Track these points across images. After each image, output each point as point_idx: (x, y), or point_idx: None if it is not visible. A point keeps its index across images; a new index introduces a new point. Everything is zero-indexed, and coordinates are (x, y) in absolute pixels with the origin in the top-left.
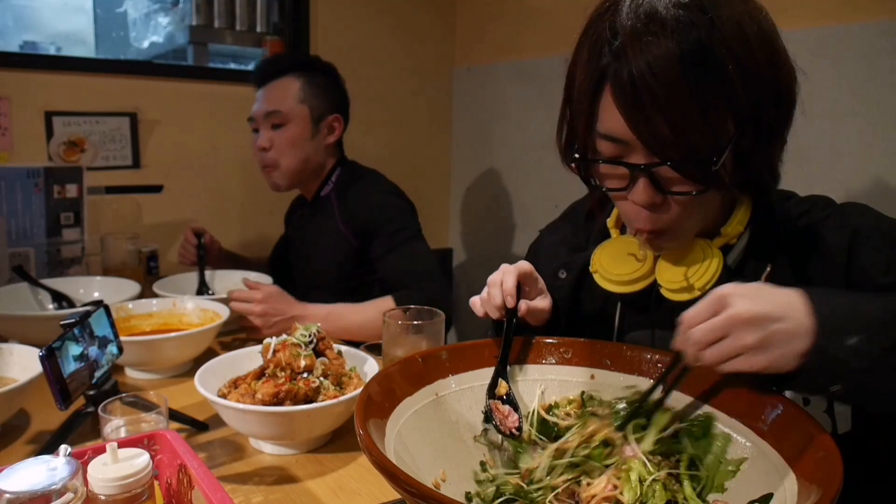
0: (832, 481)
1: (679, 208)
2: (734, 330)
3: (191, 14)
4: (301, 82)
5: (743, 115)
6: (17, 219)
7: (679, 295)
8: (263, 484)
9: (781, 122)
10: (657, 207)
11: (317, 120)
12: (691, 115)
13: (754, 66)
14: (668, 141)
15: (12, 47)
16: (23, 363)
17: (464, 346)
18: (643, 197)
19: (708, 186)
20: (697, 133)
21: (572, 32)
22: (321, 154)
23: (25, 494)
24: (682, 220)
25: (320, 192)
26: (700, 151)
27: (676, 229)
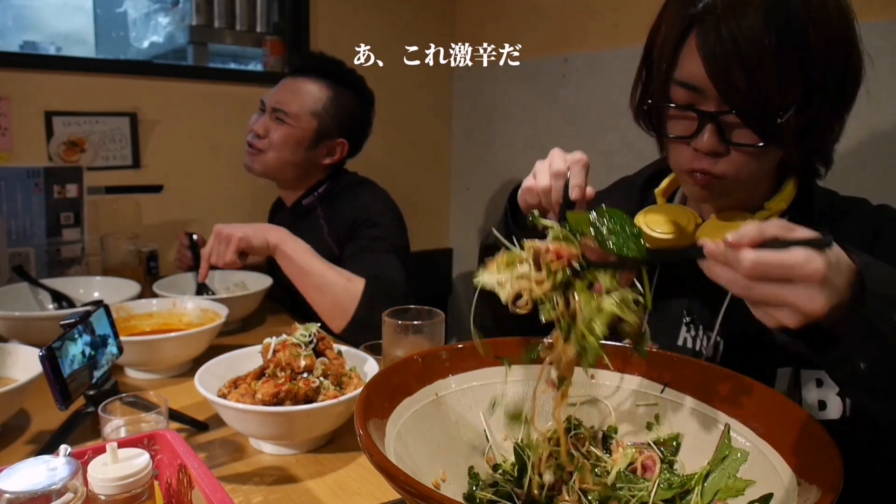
0: (832, 481)
1: (737, 160)
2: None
3: (191, 14)
4: (326, 95)
5: (812, 82)
6: (17, 219)
7: None
8: (263, 484)
9: (845, 100)
10: (717, 157)
11: (320, 136)
12: (767, 69)
13: (831, 39)
14: (742, 90)
15: (12, 47)
16: (23, 363)
17: (464, 346)
18: (707, 144)
19: (769, 141)
20: (769, 87)
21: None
22: (308, 167)
23: (25, 494)
24: (737, 172)
25: (301, 200)
26: (769, 105)
27: (729, 181)
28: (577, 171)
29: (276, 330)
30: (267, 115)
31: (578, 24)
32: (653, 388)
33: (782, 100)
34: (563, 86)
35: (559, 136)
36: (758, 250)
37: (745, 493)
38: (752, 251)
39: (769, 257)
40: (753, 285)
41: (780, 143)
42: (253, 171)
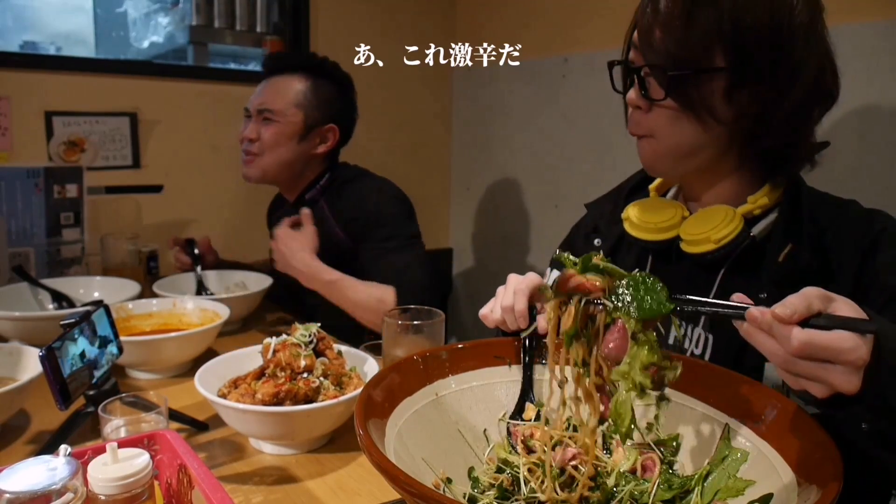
0: (832, 481)
1: (657, 118)
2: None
3: (191, 14)
4: (305, 86)
5: (731, 52)
6: (17, 219)
7: (696, 246)
8: (263, 484)
9: (795, 92)
10: (644, 114)
11: (309, 127)
12: (680, 30)
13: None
14: (658, 47)
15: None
16: (23, 363)
17: (464, 346)
18: (631, 96)
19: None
20: (682, 46)
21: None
22: (305, 160)
23: (25, 494)
24: (659, 129)
25: (304, 195)
26: (680, 62)
27: (656, 138)
28: (519, 300)
29: (276, 330)
30: (254, 119)
31: (578, 24)
32: None
33: (693, 59)
34: (563, 86)
35: (559, 136)
36: (809, 330)
37: (745, 493)
38: (802, 331)
39: (818, 340)
40: (796, 361)
41: (682, 100)
42: (251, 178)
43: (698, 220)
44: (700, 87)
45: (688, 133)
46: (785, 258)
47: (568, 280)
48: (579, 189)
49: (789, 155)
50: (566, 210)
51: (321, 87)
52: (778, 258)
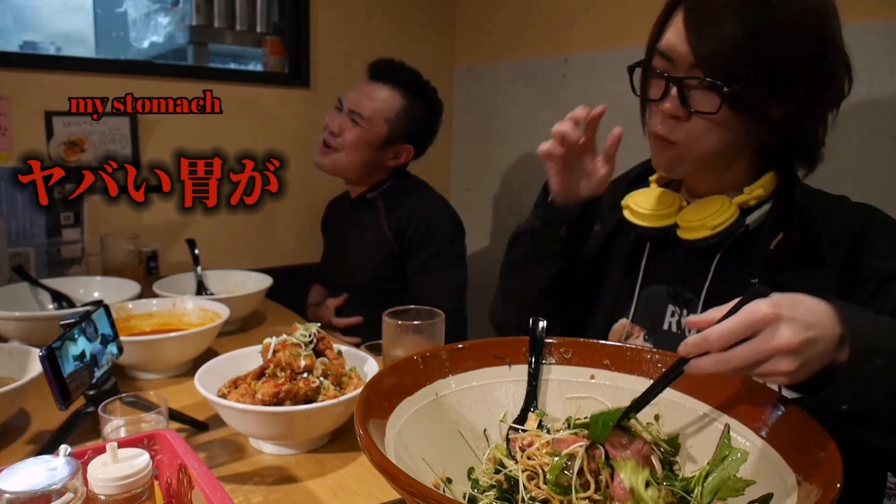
0: (832, 481)
1: (694, 128)
2: (775, 356)
3: (191, 14)
4: (401, 103)
5: (780, 67)
6: (17, 219)
7: (692, 233)
8: (263, 484)
9: (818, 101)
10: (680, 123)
11: (389, 141)
12: (736, 40)
13: (803, 30)
14: (710, 55)
15: (12, 47)
16: (23, 363)
17: (464, 346)
18: (670, 106)
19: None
20: (735, 57)
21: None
22: (375, 167)
23: (25, 494)
24: (691, 140)
25: (366, 194)
26: (731, 70)
27: (683, 149)
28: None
29: (276, 330)
30: (344, 115)
31: (578, 24)
32: None
33: (741, 74)
34: (563, 86)
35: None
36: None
37: (745, 493)
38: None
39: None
40: (730, 356)
41: (735, 113)
42: (322, 167)
43: (696, 208)
44: (750, 101)
45: (718, 142)
46: (776, 246)
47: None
48: None
49: (795, 154)
50: None
51: (414, 109)
52: (769, 246)
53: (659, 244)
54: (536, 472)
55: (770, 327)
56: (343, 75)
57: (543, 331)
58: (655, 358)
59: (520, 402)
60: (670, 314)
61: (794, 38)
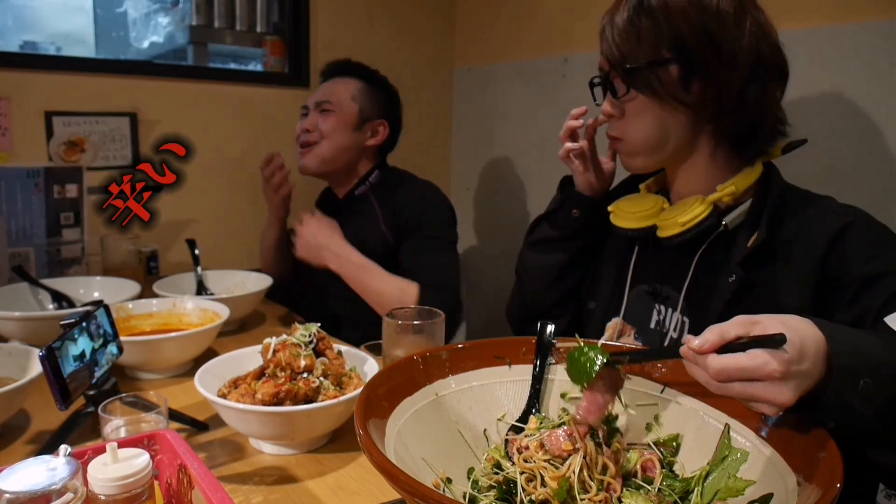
0: (832, 481)
1: (627, 120)
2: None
3: (191, 14)
4: (360, 85)
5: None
6: (17, 219)
7: (665, 231)
8: (263, 484)
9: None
10: (617, 120)
11: (363, 119)
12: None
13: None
14: (615, 50)
15: (12, 47)
16: (23, 363)
17: (464, 346)
18: (605, 106)
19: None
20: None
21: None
22: (358, 151)
23: (25, 494)
24: (628, 130)
25: (354, 190)
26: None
27: (625, 139)
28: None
29: (276, 330)
30: (312, 112)
31: (578, 24)
32: (653, 388)
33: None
34: (563, 86)
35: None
36: (721, 357)
37: (745, 493)
38: (716, 358)
39: (730, 363)
40: (723, 386)
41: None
42: (308, 169)
43: (672, 208)
44: (657, 77)
45: (654, 125)
46: (753, 244)
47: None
48: None
49: (755, 135)
50: None
51: (374, 89)
52: (746, 244)
53: (642, 245)
54: (535, 475)
55: (774, 383)
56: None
57: (551, 335)
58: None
59: (520, 402)
60: (656, 313)
61: (669, 16)
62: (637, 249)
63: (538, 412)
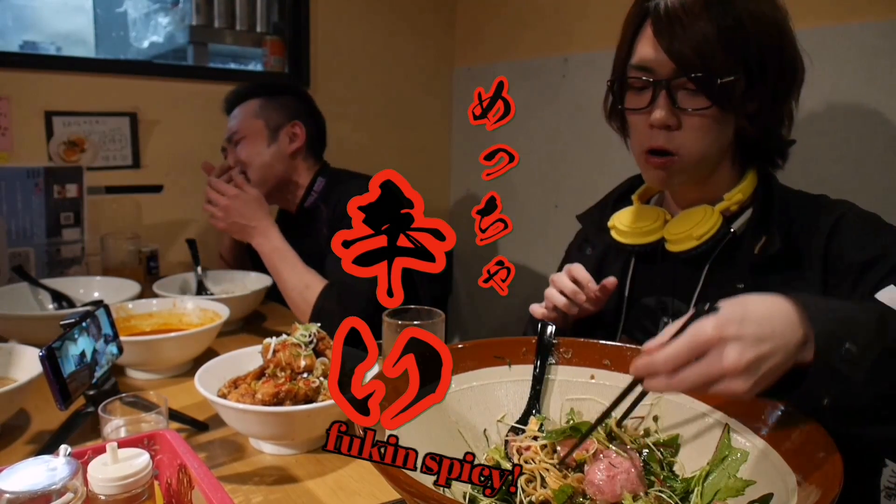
0: (832, 481)
1: (689, 132)
2: (724, 378)
3: (191, 14)
4: (258, 101)
5: (751, 60)
6: (17, 219)
7: (679, 245)
8: (263, 484)
9: (784, 88)
10: (670, 129)
11: (274, 130)
12: (710, 43)
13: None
14: (691, 59)
15: (12, 47)
16: (23, 363)
17: (464, 346)
18: (661, 114)
19: (715, 102)
20: (713, 56)
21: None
22: (285, 161)
23: (25, 494)
24: (690, 144)
25: (304, 203)
26: (713, 68)
27: (682, 155)
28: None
29: (276, 330)
30: (229, 149)
31: (578, 24)
32: None
33: (725, 67)
34: (563, 86)
35: (559, 136)
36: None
37: (745, 493)
38: (659, 351)
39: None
40: (679, 377)
41: (727, 105)
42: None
43: (680, 220)
44: (735, 92)
45: (712, 144)
46: (760, 249)
47: None
48: (579, 189)
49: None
50: (566, 210)
51: (273, 98)
52: (754, 250)
53: (647, 259)
54: (535, 476)
55: (716, 349)
56: (343, 75)
57: (552, 335)
58: None
59: (519, 402)
60: (663, 325)
61: (758, 30)
62: (634, 263)
63: (538, 413)
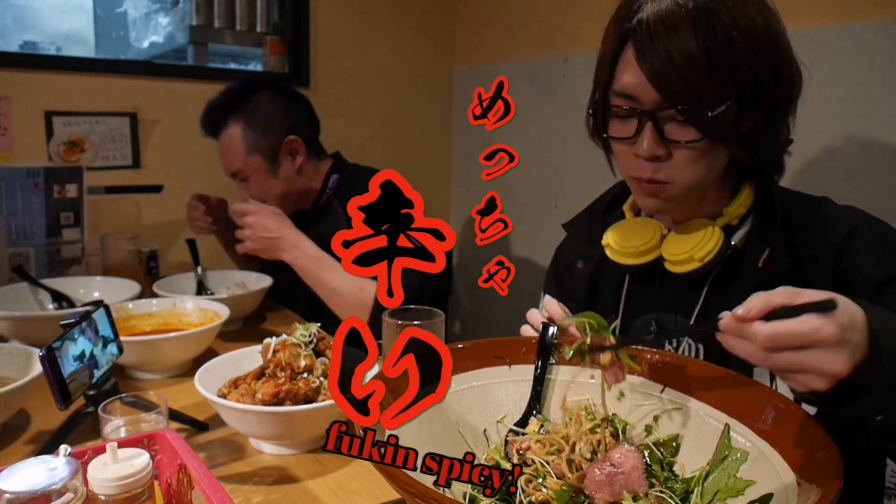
0: (832, 481)
1: (678, 163)
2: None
3: (191, 14)
4: (241, 128)
5: (744, 83)
6: (17, 219)
7: (681, 266)
8: (263, 484)
9: (781, 105)
10: (659, 160)
11: (272, 159)
12: (699, 71)
13: (757, 44)
14: (678, 90)
15: (12, 47)
16: (23, 363)
17: (464, 346)
18: (647, 147)
19: (707, 134)
20: (701, 84)
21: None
22: (297, 181)
23: (25, 494)
24: (679, 175)
25: (317, 202)
26: (703, 100)
27: (675, 186)
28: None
29: (276, 330)
30: (238, 185)
31: (578, 24)
32: (653, 388)
33: (715, 96)
34: (563, 86)
35: (559, 136)
36: (771, 323)
37: (745, 493)
38: (764, 324)
39: (782, 328)
40: (772, 356)
41: (718, 137)
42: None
43: (679, 238)
44: (726, 122)
45: (703, 170)
46: (764, 263)
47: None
48: (579, 189)
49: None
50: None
51: (254, 118)
52: (757, 264)
53: (644, 279)
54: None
55: (828, 350)
56: (343, 75)
57: (554, 336)
58: (656, 358)
59: (520, 402)
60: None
61: (749, 47)
62: (632, 281)
63: (539, 414)
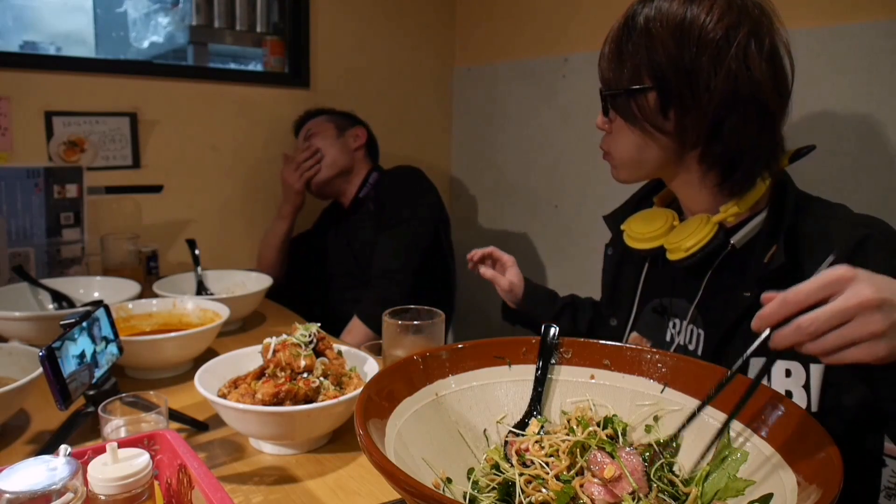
0: (832, 481)
1: (614, 135)
2: (860, 314)
3: (191, 14)
4: (327, 115)
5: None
6: (17, 219)
7: (673, 254)
8: (263, 484)
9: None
10: (607, 135)
11: (341, 129)
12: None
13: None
14: (601, 78)
15: (12, 47)
16: (23, 363)
17: (464, 346)
18: (599, 119)
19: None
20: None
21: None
22: (350, 154)
23: (25, 494)
24: (614, 145)
25: (358, 194)
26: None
27: (612, 154)
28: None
29: (276, 330)
30: (302, 145)
31: (578, 24)
32: (653, 388)
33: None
34: (563, 86)
35: (559, 136)
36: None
37: (745, 493)
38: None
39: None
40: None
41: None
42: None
43: (679, 230)
44: (636, 104)
45: (633, 145)
46: (770, 259)
47: None
48: (579, 189)
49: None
50: (566, 210)
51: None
52: (763, 259)
53: (652, 262)
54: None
55: (851, 286)
56: (343, 75)
57: (555, 336)
58: (655, 358)
59: (520, 402)
60: (672, 326)
61: (656, 43)
62: (647, 265)
63: (539, 415)
